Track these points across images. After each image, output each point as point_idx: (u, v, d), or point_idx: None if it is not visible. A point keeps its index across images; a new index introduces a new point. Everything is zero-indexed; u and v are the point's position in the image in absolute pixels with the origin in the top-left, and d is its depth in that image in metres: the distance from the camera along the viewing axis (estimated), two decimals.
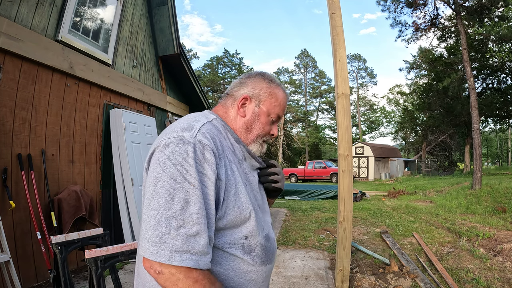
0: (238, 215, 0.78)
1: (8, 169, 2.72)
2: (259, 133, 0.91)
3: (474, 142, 10.06)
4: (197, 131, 0.74)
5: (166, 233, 0.64)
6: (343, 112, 2.81)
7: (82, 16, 3.71)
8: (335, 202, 8.26)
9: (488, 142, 42.75)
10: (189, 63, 5.94)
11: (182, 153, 0.69)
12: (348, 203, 2.78)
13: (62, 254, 2.07)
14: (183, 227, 0.65)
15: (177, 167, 0.68)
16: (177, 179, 0.67)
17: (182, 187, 0.67)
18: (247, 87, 0.92)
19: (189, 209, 0.66)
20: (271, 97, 0.91)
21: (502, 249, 3.95)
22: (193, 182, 0.68)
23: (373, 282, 3.15)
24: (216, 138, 0.79)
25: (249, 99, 0.91)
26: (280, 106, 0.93)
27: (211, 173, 0.71)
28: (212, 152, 0.73)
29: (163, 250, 0.64)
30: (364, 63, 42.55)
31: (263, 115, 0.91)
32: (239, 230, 0.79)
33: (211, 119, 0.86)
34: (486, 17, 11.72)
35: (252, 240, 0.81)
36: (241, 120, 0.90)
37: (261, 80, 0.93)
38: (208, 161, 0.71)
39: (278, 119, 0.94)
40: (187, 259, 0.64)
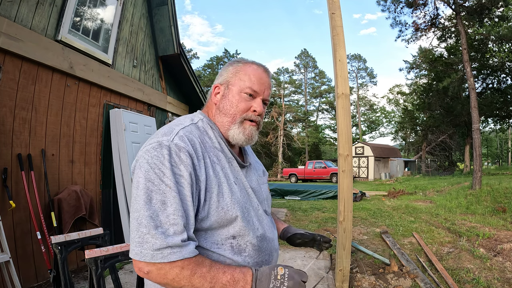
0: (223, 216, 0.78)
1: (8, 169, 2.72)
2: (234, 112, 0.87)
3: (474, 142, 10.06)
4: (174, 135, 0.76)
5: (146, 233, 0.67)
6: (343, 112, 2.81)
7: (82, 16, 3.71)
8: (335, 202, 8.26)
9: (488, 142, 42.74)
10: (189, 63, 5.94)
11: (159, 157, 0.72)
12: (348, 203, 2.78)
13: (62, 254, 2.07)
14: (160, 227, 0.68)
15: (154, 170, 0.71)
16: (154, 182, 0.70)
17: (159, 189, 0.70)
18: (219, 78, 0.94)
19: (166, 210, 0.69)
20: (237, 74, 0.90)
21: (502, 249, 3.95)
22: (169, 184, 0.70)
23: (373, 282, 3.15)
24: (196, 140, 0.79)
25: (219, 86, 0.92)
26: (250, 80, 0.88)
27: (187, 174, 0.72)
28: (188, 153, 0.74)
29: (146, 249, 0.67)
30: (364, 63, 42.56)
31: (233, 93, 0.88)
32: (225, 230, 0.79)
33: (196, 121, 0.87)
34: (486, 17, 11.72)
35: (241, 240, 0.81)
36: (214, 107, 0.92)
37: (229, 65, 0.93)
38: (184, 163, 0.73)
39: (255, 93, 0.88)
40: (169, 254, 0.67)
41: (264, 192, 0.98)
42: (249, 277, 0.72)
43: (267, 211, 0.97)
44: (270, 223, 0.96)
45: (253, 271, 0.73)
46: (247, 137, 0.88)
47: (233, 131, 0.87)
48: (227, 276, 0.71)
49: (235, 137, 0.88)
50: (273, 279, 0.72)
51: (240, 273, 0.72)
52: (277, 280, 0.71)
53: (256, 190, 0.93)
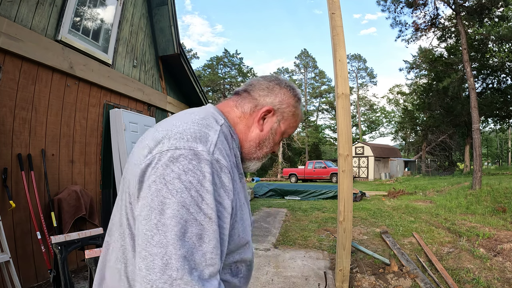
0: (238, 243, 0.68)
1: (8, 169, 2.72)
2: (267, 152, 0.80)
3: (474, 142, 10.06)
4: (213, 146, 0.60)
5: (177, 278, 0.51)
6: (343, 112, 2.81)
7: (82, 16, 3.71)
8: (335, 202, 8.26)
9: (488, 142, 42.74)
10: (189, 63, 5.94)
11: (197, 174, 0.55)
12: (348, 203, 2.78)
13: (62, 254, 2.07)
14: (196, 270, 0.53)
15: (190, 192, 0.54)
16: (191, 209, 0.54)
17: (196, 219, 0.54)
18: (274, 97, 0.78)
19: (202, 248, 0.54)
20: (293, 117, 0.81)
21: (502, 249, 3.95)
22: (209, 214, 0.55)
23: (373, 282, 3.15)
24: (229, 153, 0.65)
25: (273, 112, 0.78)
26: (295, 128, 0.83)
27: (228, 203, 0.59)
28: (229, 176, 0.60)
29: None
30: (364, 63, 42.58)
31: (279, 134, 0.80)
32: (231, 256, 0.69)
33: (220, 123, 0.70)
34: (486, 17, 11.72)
35: (239, 264, 0.72)
36: (257, 133, 0.77)
37: (291, 95, 0.80)
38: (225, 187, 0.59)
39: (283, 137, 0.84)
40: None
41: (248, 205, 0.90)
42: None
43: None
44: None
45: None
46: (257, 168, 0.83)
47: (254, 164, 0.80)
48: None
49: (250, 167, 0.81)
50: None
51: None
52: None
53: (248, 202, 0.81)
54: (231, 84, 37.74)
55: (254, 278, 3.24)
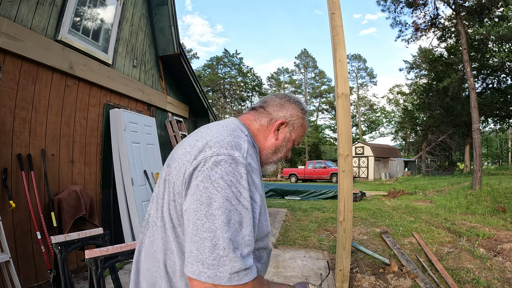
0: (261, 233, 0.82)
1: (8, 169, 2.72)
2: (281, 156, 0.96)
3: (474, 142, 10.06)
4: (246, 152, 0.76)
5: (224, 255, 0.65)
6: (343, 112, 2.81)
7: (82, 16, 3.71)
8: (335, 202, 8.26)
9: (488, 142, 42.74)
10: (189, 63, 5.94)
11: (236, 175, 0.70)
12: (348, 203, 2.78)
13: (62, 254, 2.07)
14: (238, 249, 0.67)
15: (231, 188, 0.69)
16: (232, 201, 0.68)
17: (237, 209, 0.68)
18: (286, 111, 0.96)
19: (242, 232, 0.68)
20: (301, 127, 0.98)
21: (502, 249, 3.95)
22: (246, 205, 0.70)
23: (373, 282, 3.15)
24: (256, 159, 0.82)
25: (285, 124, 0.95)
26: (303, 136, 1.01)
27: (257, 197, 0.75)
28: (259, 176, 0.78)
29: (222, 273, 0.65)
30: (364, 63, 42.58)
31: (291, 142, 0.97)
32: (256, 243, 0.81)
33: (246, 133, 0.87)
34: (486, 17, 11.72)
35: (262, 251, 0.88)
36: (273, 142, 0.94)
37: (299, 109, 0.98)
38: (256, 185, 0.75)
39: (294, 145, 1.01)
40: (244, 275, 0.67)
41: None
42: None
43: None
44: None
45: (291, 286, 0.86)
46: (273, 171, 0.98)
47: (270, 167, 0.97)
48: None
49: (268, 170, 0.97)
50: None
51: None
52: None
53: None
54: (231, 84, 37.75)
55: None
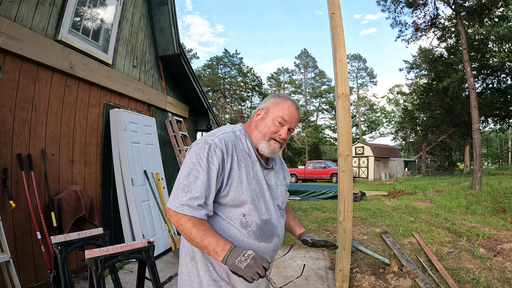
0: (238, 197, 1.09)
1: (8, 169, 2.72)
2: (265, 132, 1.18)
3: (474, 142, 10.06)
4: (216, 137, 1.11)
5: (180, 193, 1.04)
6: (343, 112, 2.81)
7: (82, 16, 3.71)
8: (335, 202, 8.26)
9: (488, 142, 42.73)
10: (189, 63, 5.94)
11: (202, 149, 1.07)
12: (348, 203, 2.78)
13: (62, 254, 2.07)
14: (190, 192, 1.03)
15: (197, 156, 1.06)
16: (194, 164, 1.05)
17: (196, 169, 1.04)
18: (262, 104, 1.25)
19: (196, 183, 1.03)
20: (275, 105, 1.20)
21: (502, 249, 3.95)
22: (203, 167, 1.04)
23: (373, 282, 3.15)
24: (230, 142, 1.12)
25: (262, 110, 1.23)
26: (283, 111, 1.18)
27: (217, 163, 1.06)
28: (220, 150, 1.08)
29: (176, 202, 1.03)
30: (364, 63, 42.56)
31: (269, 119, 1.19)
32: (238, 209, 1.11)
33: (235, 130, 1.21)
34: (486, 17, 11.71)
35: (248, 218, 1.11)
36: (254, 124, 1.23)
37: (272, 97, 1.25)
38: (216, 155, 1.06)
39: (284, 122, 1.18)
40: (186, 209, 1.02)
41: (280, 191, 1.27)
42: (227, 246, 1.00)
43: (279, 206, 1.26)
44: (279, 214, 1.24)
45: (232, 245, 1.00)
46: (271, 151, 1.18)
47: (261, 145, 1.18)
48: (213, 239, 1.00)
49: (262, 150, 1.18)
50: (242, 255, 0.97)
51: (223, 242, 1.00)
52: (244, 257, 0.96)
53: (272, 187, 1.23)
54: (231, 84, 37.73)
55: None
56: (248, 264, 0.94)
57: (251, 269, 0.93)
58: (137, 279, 2.05)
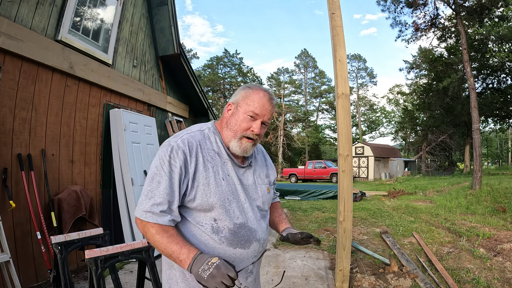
0: (205, 201, 1.02)
1: (8, 169, 2.72)
2: (236, 129, 1.08)
3: (474, 142, 10.06)
4: (179, 138, 1.05)
5: (144, 200, 1.00)
6: (343, 112, 2.81)
7: (82, 16, 3.71)
8: (335, 202, 8.25)
9: (488, 142, 42.72)
10: (189, 63, 5.94)
11: (164, 152, 1.01)
12: (348, 203, 2.78)
13: (62, 254, 2.07)
14: (153, 198, 0.98)
15: (160, 160, 1.01)
16: (158, 168, 1.00)
17: (159, 173, 0.99)
18: (232, 97, 1.14)
19: (159, 188, 0.98)
20: (245, 98, 1.09)
21: (502, 249, 3.95)
22: (165, 171, 0.99)
23: (373, 282, 3.15)
24: (194, 143, 1.05)
25: (232, 104, 1.12)
26: (254, 105, 1.07)
27: (179, 166, 1.00)
28: (183, 152, 1.01)
29: (139, 210, 1.00)
30: (364, 63, 42.53)
31: (239, 114, 1.09)
32: (209, 213, 1.03)
33: (203, 129, 1.13)
34: (486, 17, 11.71)
35: (220, 223, 1.04)
36: (225, 120, 1.13)
37: (241, 89, 1.13)
38: (179, 158, 1.00)
39: (256, 116, 1.07)
40: (149, 216, 0.98)
41: (260, 191, 1.17)
42: (192, 254, 0.92)
43: (260, 207, 1.16)
44: (259, 216, 1.14)
45: (197, 253, 0.92)
46: (242, 150, 1.09)
47: (232, 144, 1.09)
48: (177, 247, 0.94)
49: (233, 149, 1.09)
50: (205, 263, 0.88)
51: (187, 250, 0.94)
52: (207, 265, 0.88)
53: (248, 187, 1.13)
54: (231, 84, 37.72)
55: None
56: (211, 273, 0.86)
57: (214, 278, 0.85)
58: (137, 279, 2.05)
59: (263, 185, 1.19)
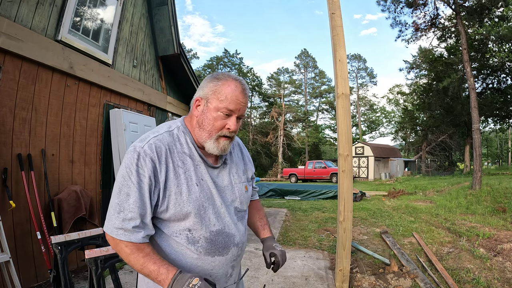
0: (179, 211, 0.95)
1: (8, 169, 2.72)
2: (210, 129, 0.98)
3: (474, 142, 10.06)
4: (146, 143, 0.94)
5: (112, 214, 0.90)
6: (343, 112, 2.81)
7: (82, 16, 3.71)
8: (335, 202, 8.26)
9: (488, 142, 42.73)
10: (189, 63, 5.94)
11: (131, 159, 0.91)
12: (348, 203, 2.78)
13: (62, 254, 2.07)
14: (122, 212, 0.89)
15: (126, 169, 0.91)
16: (125, 178, 0.91)
17: (127, 184, 0.90)
18: (200, 90, 1.02)
19: (128, 200, 0.89)
20: (216, 94, 0.97)
21: (502, 249, 3.95)
22: (133, 181, 0.90)
23: (373, 282, 3.15)
24: (163, 147, 0.95)
25: (200, 100, 1.01)
26: (227, 99, 0.96)
27: (148, 176, 0.91)
28: (150, 159, 0.92)
29: (109, 226, 0.91)
30: (364, 63, 42.56)
31: (210, 111, 0.98)
32: (182, 223, 0.96)
33: (172, 129, 1.02)
34: (486, 17, 11.71)
35: (195, 233, 0.97)
36: (195, 119, 1.02)
37: (209, 80, 1.00)
38: (147, 166, 0.91)
39: (231, 112, 0.98)
40: (121, 234, 0.90)
41: (237, 191, 1.09)
42: (170, 274, 0.87)
43: (238, 208, 1.09)
44: (235, 219, 1.08)
45: (176, 273, 0.87)
46: (220, 150, 1.00)
47: (208, 145, 0.99)
48: (154, 267, 0.88)
49: (210, 150, 1.00)
50: (186, 285, 0.84)
51: (165, 270, 0.88)
52: (188, 287, 0.83)
53: (224, 188, 1.06)
54: None
55: (254, 278, 3.24)
56: None
57: None
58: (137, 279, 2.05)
59: (240, 184, 1.12)
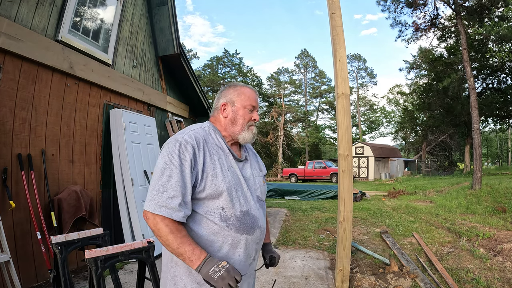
0: (215, 190, 1.10)
1: (8, 169, 2.72)
2: (242, 122, 1.23)
3: (474, 142, 10.06)
4: (185, 134, 1.12)
5: (156, 194, 1.03)
6: (343, 112, 2.81)
7: (82, 16, 3.71)
8: (335, 202, 8.25)
9: (488, 142, 42.71)
10: (189, 63, 5.94)
11: (172, 147, 1.07)
12: (348, 203, 2.78)
13: (62, 254, 2.07)
14: (166, 192, 1.02)
15: (168, 155, 1.06)
16: (167, 163, 1.05)
17: (169, 167, 1.04)
18: (222, 98, 1.27)
19: (171, 181, 1.03)
20: (239, 95, 1.24)
21: (502, 249, 3.95)
22: (176, 164, 1.04)
23: (373, 282, 3.15)
24: (200, 138, 1.14)
25: (226, 104, 1.25)
26: (249, 99, 1.24)
27: (189, 159, 1.06)
28: (191, 146, 1.09)
29: (152, 204, 1.02)
30: (364, 63, 42.54)
31: (240, 109, 1.23)
32: (216, 202, 1.11)
33: (204, 126, 1.22)
34: (486, 17, 11.71)
35: (227, 211, 1.11)
36: (226, 119, 1.25)
37: (229, 88, 1.27)
38: (188, 151, 1.07)
39: (254, 108, 1.26)
40: (165, 211, 1.01)
41: (257, 182, 1.28)
42: (203, 256, 1.00)
43: (259, 197, 1.27)
44: (258, 206, 1.24)
45: (207, 255, 1.01)
46: (254, 135, 1.26)
47: (243, 135, 1.23)
48: (189, 247, 1.00)
49: (245, 138, 1.24)
50: (216, 265, 0.98)
51: (199, 251, 1.01)
52: (218, 268, 0.98)
53: (248, 179, 1.23)
54: None
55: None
56: (222, 275, 0.96)
57: (224, 280, 0.96)
58: (137, 279, 2.05)
59: (259, 177, 1.31)
